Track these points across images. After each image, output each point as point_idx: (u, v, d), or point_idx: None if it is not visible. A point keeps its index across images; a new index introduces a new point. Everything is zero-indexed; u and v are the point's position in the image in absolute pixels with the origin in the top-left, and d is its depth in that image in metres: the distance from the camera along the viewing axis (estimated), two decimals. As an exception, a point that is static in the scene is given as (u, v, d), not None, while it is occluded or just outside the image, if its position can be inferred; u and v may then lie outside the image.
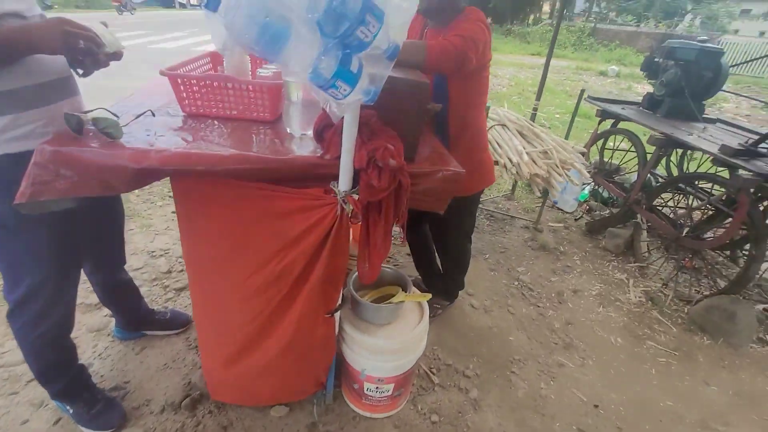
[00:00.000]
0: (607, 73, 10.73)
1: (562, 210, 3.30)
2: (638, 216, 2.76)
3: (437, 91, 1.44)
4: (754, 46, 13.53)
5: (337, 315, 1.28)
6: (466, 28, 1.26)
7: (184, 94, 1.14)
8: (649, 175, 2.79)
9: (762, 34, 22.79)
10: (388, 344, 1.32)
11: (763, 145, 2.07)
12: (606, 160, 3.38)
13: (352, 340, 1.34)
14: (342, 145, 0.93)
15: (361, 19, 0.62)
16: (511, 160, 2.34)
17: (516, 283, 2.38)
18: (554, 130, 5.39)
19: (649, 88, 2.94)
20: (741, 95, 4.22)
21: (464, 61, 1.23)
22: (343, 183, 0.99)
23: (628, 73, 10.71)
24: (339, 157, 0.96)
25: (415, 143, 1.05)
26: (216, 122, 1.18)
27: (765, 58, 4.55)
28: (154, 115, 1.07)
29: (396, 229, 1.14)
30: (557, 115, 6.16)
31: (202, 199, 1.06)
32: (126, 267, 1.62)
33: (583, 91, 2.70)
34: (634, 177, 3.10)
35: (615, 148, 3.20)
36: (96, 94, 1.34)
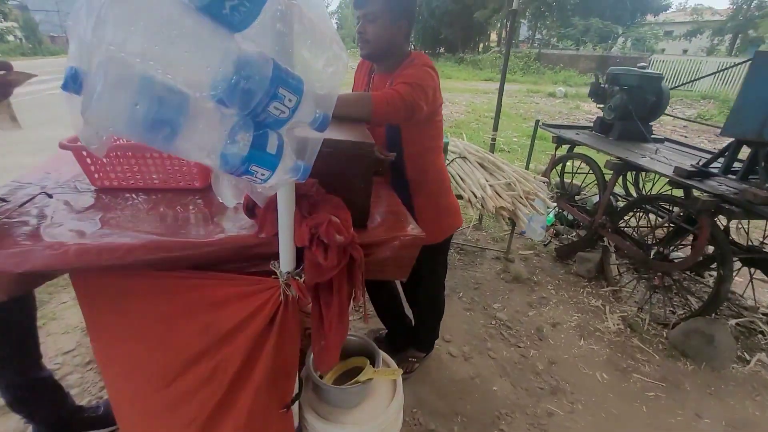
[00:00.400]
0: (555, 95, 11.34)
1: (531, 238, 3.27)
2: (605, 239, 2.75)
3: (390, 139, 1.35)
4: (680, 63, 14.85)
5: (295, 405, 1.09)
6: (412, 75, 1.18)
7: (93, 168, 0.97)
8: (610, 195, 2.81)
9: (685, 51, 25.17)
10: (359, 431, 1.14)
11: (713, 164, 2.12)
12: (567, 180, 3.42)
13: (317, 431, 1.15)
14: (278, 222, 0.78)
15: (272, 94, 0.49)
16: (475, 194, 2.28)
17: (493, 322, 2.27)
18: (514, 154, 5.52)
19: (596, 108, 3.02)
20: (680, 117, 4.58)
21: (414, 110, 1.14)
22: (285, 263, 0.84)
23: (574, 93, 11.36)
24: (277, 234, 0.82)
25: (366, 208, 0.92)
26: (135, 196, 1.01)
27: (695, 75, 5.04)
28: (50, 196, 0.89)
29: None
30: (515, 139, 6.33)
31: (111, 294, 0.87)
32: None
33: (537, 121, 2.72)
34: (595, 199, 3.13)
35: (575, 171, 3.25)
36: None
